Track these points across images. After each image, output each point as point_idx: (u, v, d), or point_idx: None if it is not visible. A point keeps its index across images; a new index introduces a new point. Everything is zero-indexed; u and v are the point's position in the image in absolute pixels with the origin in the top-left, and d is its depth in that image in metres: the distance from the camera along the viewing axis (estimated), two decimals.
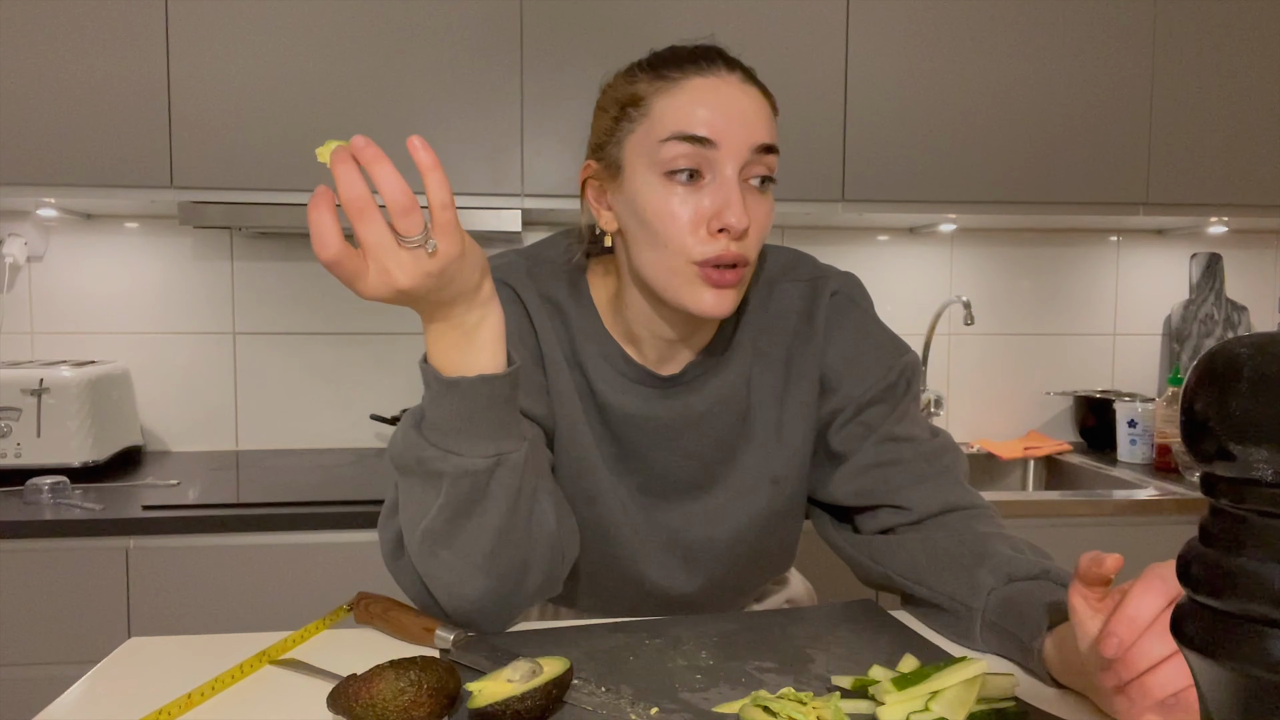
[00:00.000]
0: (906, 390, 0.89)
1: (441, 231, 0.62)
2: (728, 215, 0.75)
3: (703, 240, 0.77)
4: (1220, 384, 0.35)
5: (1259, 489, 0.34)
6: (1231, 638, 0.35)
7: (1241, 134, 1.89)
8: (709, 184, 0.77)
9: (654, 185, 0.78)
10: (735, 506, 0.90)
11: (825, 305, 0.90)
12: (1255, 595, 0.34)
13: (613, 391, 0.87)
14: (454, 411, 0.69)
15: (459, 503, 0.70)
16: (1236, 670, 0.35)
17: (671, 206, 0.77)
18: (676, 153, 0.76)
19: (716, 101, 0.77)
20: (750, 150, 0.77)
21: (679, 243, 0.77)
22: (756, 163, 0.78)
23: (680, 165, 0.76)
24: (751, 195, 0.79)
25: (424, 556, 0.73)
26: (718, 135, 0.76)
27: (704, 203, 0.77)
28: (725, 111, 0.76)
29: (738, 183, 0.77)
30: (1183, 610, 0.37)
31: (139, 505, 1.48)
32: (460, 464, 0.69)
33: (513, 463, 0.71)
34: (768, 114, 0.80)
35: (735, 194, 0.76)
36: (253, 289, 2.00)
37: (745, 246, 0.78)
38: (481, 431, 0.69)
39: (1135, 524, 1.66)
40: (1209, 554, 0.36)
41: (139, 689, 0.66)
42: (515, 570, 0.74)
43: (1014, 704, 0.63)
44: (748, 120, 0.77)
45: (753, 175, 0.78)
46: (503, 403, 0.70)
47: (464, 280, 0.65)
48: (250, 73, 1.65)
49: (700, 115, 0.76)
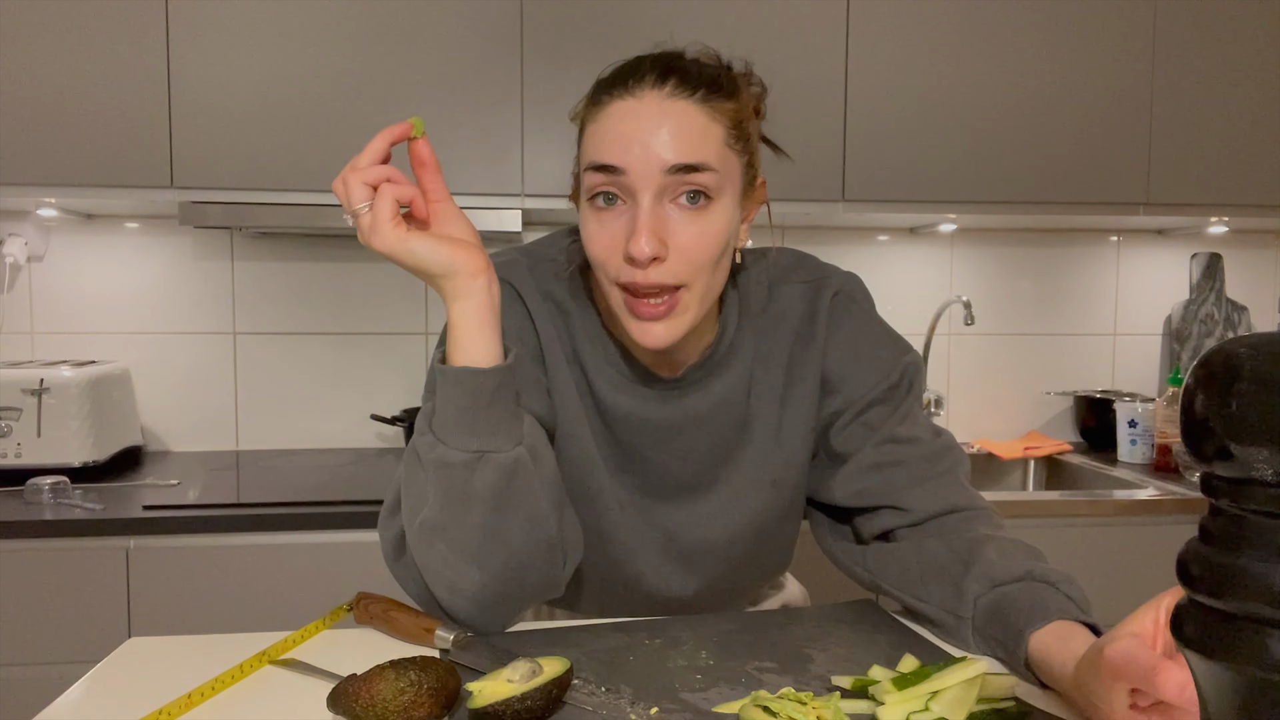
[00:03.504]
0: (909, 391, 0.89)
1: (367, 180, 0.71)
2: (629, 244, 0.74)
3: (618, 265, 0.76)
4: (1220, 384, 0.35)
5: (1259, 489, 0.34)
6: (1231, 638, 0.35)
7: (1241, 134, 1.89)
8: (626, 209, 0.76)
9: (585, 209, 0.79)
10: (733, 508, 0.90)
11: (827, 306, 0.90)
12: (1255, 595, 0.34)
13: (612, 392, 0.87)
14: (448, 400, 0.71)
15: (445, 494, 0.72)
16: (1236, 670, 0.35)
17: (592, 231, 0.77)
18: (593, 181, 0.76)
19: (626, 128, 0.74)
20: (662, 173, 0.73)
21: (602, 267, 0.78)
22: (677, 184, 0.74)
23: (596, 192, 0.76)
24: (682, 215, 0.75)
25: (422, 548, 0.74)
26: (624, 162, 0.74)
27: (619, 228, 0.76)
28: (635, 137, 0.74)
29: (651, 208, 0.74)
30: (1183, 610, 0.37)
31: (139, 505, 1.48)
32: (442, 454, 0.71)
33: (497, 463, 0.71)
34: (692, 127, 0.74)
35: (643, 221, 0.73)
36: (253, 289, 2.00)
37: (669, 272, 0.75)
38: (471, 425, 0.71)
39: (1135, 524, 1.66)
40: (1209, 554, 0.36)
41: (139, 689, 0.66)
42: (511, 569, 0.74)
43: (1014, 704, 0.63)
44: (660, 143, 0.73)
45: (677, 194, 0.75)
46: (489, 396, 0.71)
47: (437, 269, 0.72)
48: (250, 72, 1.65)
49: (608, 144, 0.75)
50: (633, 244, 0.73)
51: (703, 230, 0.76)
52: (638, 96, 0.76)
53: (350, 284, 2.02)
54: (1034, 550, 0.78)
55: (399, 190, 0.71)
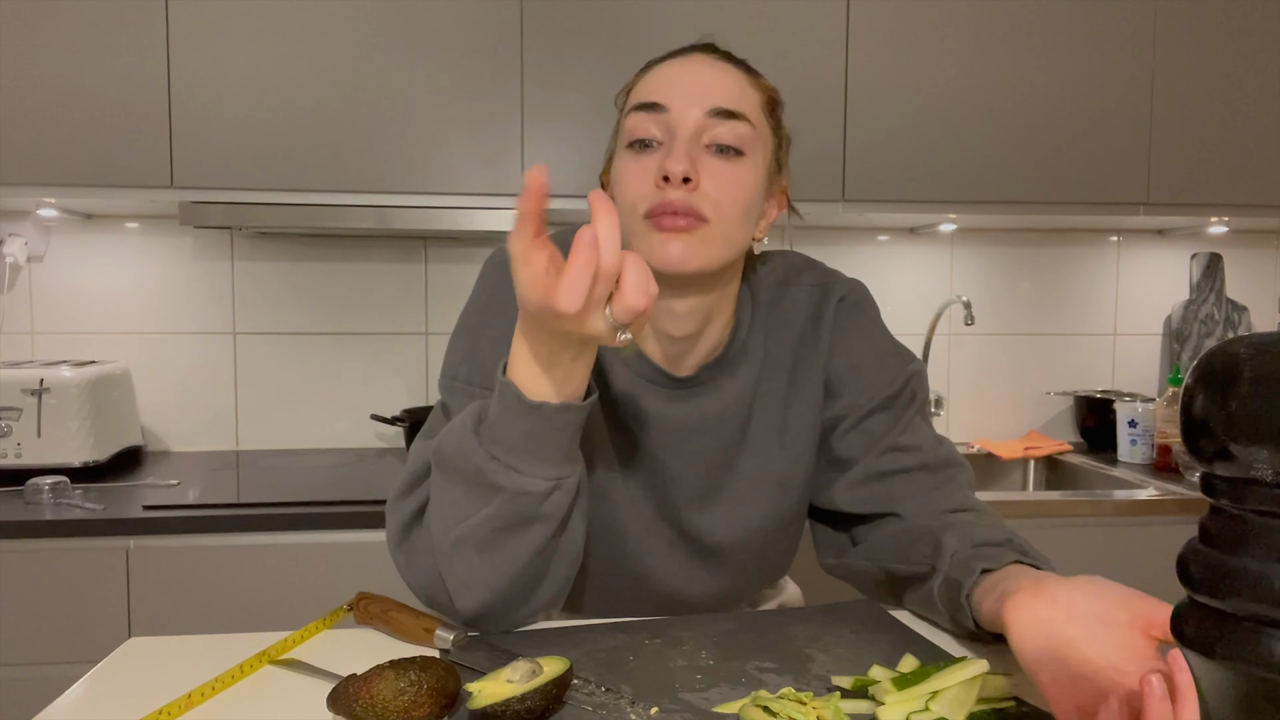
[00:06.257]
0: (912, 399, 0.90)
1: (637, 333, 0.64)
2: (665, 164, 0.76)
3: (649, 194, 0.77)
4: (1220, 384, 0.35)
5: (1259, 489, 0.34)
6: (1231, 638, 0.35)
7: (1241, 134, 1.89)
8: (662, 150, 0.78)
9: (621, 157, 0.81)
10: (742, 510, 0.90)
11: (832, 310, 0.90)
12: (1255, 595, 0.34)
13: (627, 389, 0.87)
14: (525, 432, 0.69)
15: (508, 518, 0.71)
16: (1236, 670, 0.35)
17: (627, 170, 0.79)
18: (634, 123, 0.79)
19: (672, 74, 0.80)
20: (704, 113, 0.77)
21: (631, 201, 0.78)
22: (714, 126, 0.78)
23: (637, 135, 0.79)
24: (711, 159, 0.78)
25: (451, 556, 0.74)
26: (668, 99, 0.78)
27: (654, 163, 0.78)
28: (680, 79, 0.79)
29: (688, 141, 0.77)
30: (1183, 610, 0.37)
31: (139, 505, 1.48)
32: (521, 483, 0.70)
33: (567, 486, 0.72)
34: (733, 84, 0.80)
35: (680, 147, 0.76)
36: (253, 289, 2.00)
37: (697, 199, 0.76)
38: (549, 455, 0.70)
39: (1135, 524, 1.66)
40: (1209, 554, 0.36)
41: (139, 689, 0.66)
42: (533, 582, 0.75)
43: (1014, 704, 0.63)
44: (703, 86, 0.78)
45: (712, 141, 0.78)
46: (574, 430, 0.71)
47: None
48: (250, 73, 1.65)
49: (653, 88, 0.80)
50: (669, 162, 0.75)
51: (734, 175, 0.79)
52: (689, 57, 0.82)
53: (350, 284, 2.02)
54: (1021, 538, 0.79)
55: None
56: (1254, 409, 0.34)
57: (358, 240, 2.02)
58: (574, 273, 0.59)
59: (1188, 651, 0.37)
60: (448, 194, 1.71)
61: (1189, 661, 0.38)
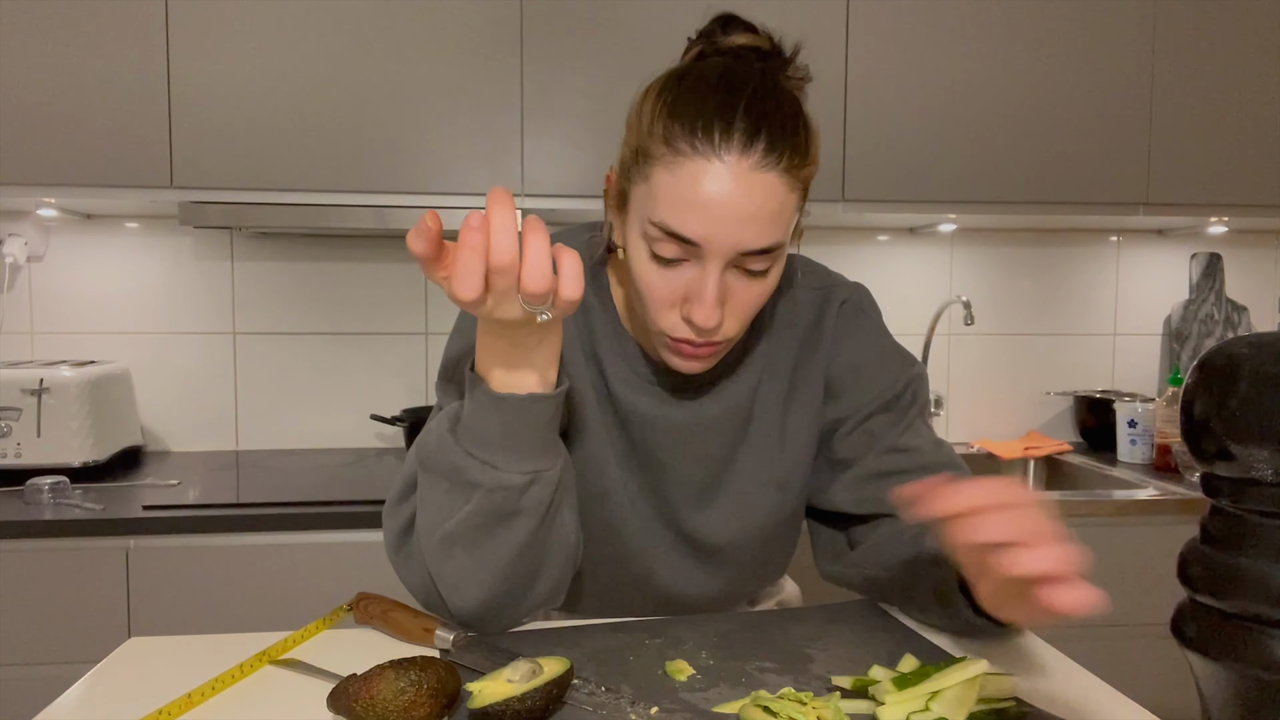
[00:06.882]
0: (912, 402, 0.90)
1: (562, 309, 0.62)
2: (695, 313, 0.73)
3: (674, 321, 0.76)
4: (1220, 384, 0.35)
5: (1259, 489, 0.34)
6: (1231, 638, 0.35)
7: (1241, 134, 1.89)
8: (690, 266, 0.74)
9: (641, 251, 0.75)
10: (741, 510, 0.90)
11: (834, 313, 0.91)
12: (1255, 595, 0.34)
13: (628, 390, 0.87)
14: (497, 426, 0.69)
15: (488, 514, 0.71)
16: (1236, 670, 0.35)
17: (651, 279, 0.75)
18: (661, 245, 0.73)
19: (708, 200, 0.70)
20: (737, 254, 0.72)
21: (654, 314, 0.77)
22: (746, 262, 0.73)
23: (664, 254, 0.73)
24: (740, 281, 0.75)
25: (439, 557, 0.73)
26: (702, 238, 0.71)
27: (680, 285, 0.74)
28: (716, 215, 0.70)
29: (719, 276, 0.73)
30: (1183, 610, 0.37)
31: (139, 505, 1.48)
32: (497, 478, 0.69)
33: (547, 479, 0.72)
34: (775, 207, 0.71)
35: (710, 292, 0.72)
36: (253, 289, 2.00)
37: (722, 333, 0.76)
38: (522, 448, 0.70)
39: (1135, 524, 1.66)
40: (1209, 554, 0.36)
41: (139, 689, 0.66)
42: (526, 578, 0.75)
43: (1014, 704, 0.63)
44: (740, 224, 0.70)
45: (743, 264, 0.74)
46: (547, 421, 0.70)
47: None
48: (250, 72, 1.65)
49: (684, 214, 0.71)
50: (698, 313, 0.73)
51: (761, 291, 0.77)
52: (724, 161, 0.70)
53: (350, 284, 2.02)
54: None
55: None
56: (1254, 409, 0.34)
57: (357, 240, 2.02)
58: (460, 265, 0.59)
59: (1188, 652, 0.37)
60: (447, 194, 1.71)
61: (1189, 661, 0.38)
